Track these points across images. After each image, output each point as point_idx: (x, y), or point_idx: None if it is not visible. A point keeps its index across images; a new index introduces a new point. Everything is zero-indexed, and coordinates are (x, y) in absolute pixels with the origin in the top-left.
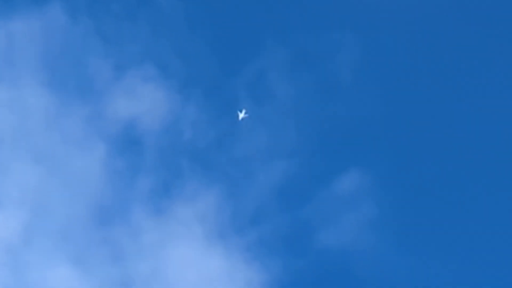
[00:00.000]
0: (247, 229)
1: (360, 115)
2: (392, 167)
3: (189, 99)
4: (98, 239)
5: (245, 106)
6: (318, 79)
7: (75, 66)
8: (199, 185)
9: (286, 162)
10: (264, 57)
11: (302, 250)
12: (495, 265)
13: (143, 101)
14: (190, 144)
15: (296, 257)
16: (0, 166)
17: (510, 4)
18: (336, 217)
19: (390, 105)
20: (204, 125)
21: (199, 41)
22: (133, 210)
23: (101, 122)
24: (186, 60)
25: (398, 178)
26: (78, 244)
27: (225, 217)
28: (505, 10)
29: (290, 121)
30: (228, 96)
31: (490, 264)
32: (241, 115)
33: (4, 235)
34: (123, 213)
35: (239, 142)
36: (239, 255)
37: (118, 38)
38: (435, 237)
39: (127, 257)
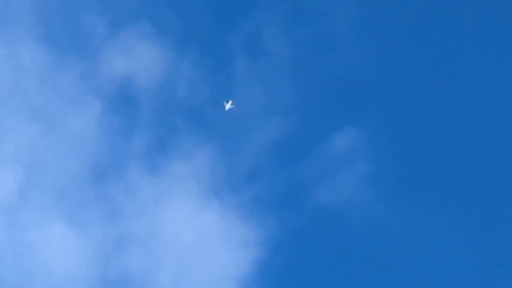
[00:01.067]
0: (242, 186)
1: (356, 72)
2: (388, 124)
3: (185, 56)
4: (94, 197)
5: (241, 63)
6: (314, 35)
7: (70, 23)
8: (195, 143)
9: (282, 119)
10: (260, 13)
11: (298, 207)
12: (491, 220)
13: (139, 58)
14: (185, 101)
15: (292, 214)
16: None
17: None
18: (332, 174)
19: (387, 62)
20: (200, 82)
21: None
22: (128, 168)
23: (96, 79)
24: (181, 17)
25: (394, 135)
26: (73, 202)
27: (220, 174)
28: None
29: (286, 77)
30: (224, 53)
31: (486, 220)
32: (228, 106)
33: (0, 194)
34: (119, 171)
35: (234, 99)
36: (234, 212)
37: None
38: (430, 193)
39: (123, 215)
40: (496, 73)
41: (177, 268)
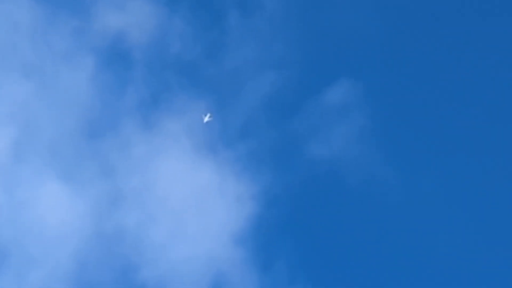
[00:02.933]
0: (236, 142)
1: (350, 24)
2: (383, 76)
3: (177, 12)
4: (88, 154)
5: (234, 17)
6: None
7: None
8: (188, 99)
9: (275, 73)
10: None
11: (291, 162)
12: (490, 175)
13: (131, 14)
14: (178, 57)
15: (286, 169)
16: None
17: None
18: (326, 128)
19: (381, 13)
20: (192, 37)
21: None
22: (122, 124)
23: (89, 35)
24: None
25: (389, 87)
26: (67, 159)
27: (214, 130)
28: None
29: (280, 31)
30: (216, 7)
31: (484, 175)
32: (206, 119)
33: None
34: (112, 127)
35: (227, 54)
36: (228, 168)
37: None
38: (424, 147)
39: (117, 171)
40: (493, 27)
41: (172, 223)
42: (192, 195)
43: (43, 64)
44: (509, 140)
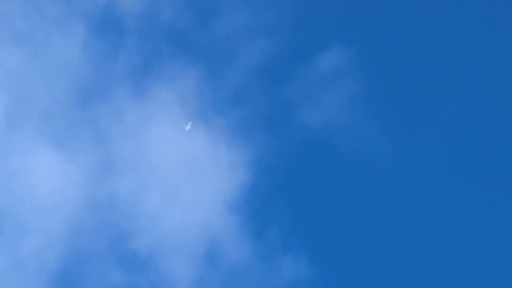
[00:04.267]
0: (228, 109)
1: None
2: (374, 43)
3: None
4: (80, 121)
5: None
6: None
7: None
8: (179, 66)
9: (267, 40)
10: None
11: (284, 129)
12: (482, 140)
13: None
14: (169, 24)
15: (278, 136)
16: None
17: None
18: (318, 94)
19: None
20: (183, 5)
21: None
22: (114, 91)
23: (81, 2)
24: None
25: (381, 53)
26: (59, 127)
27: (206, 97)
28: None
29: None
30: None
31: (477, 140)
32: (188, 127)
33: None
34: (104, 95)
35: (219, 21)
36: (221, 135)
37: None
38: (416, 113)
39: (109, 139)
40: None
41: (165, 191)
42: (184, 162)
43: (35, 31)
44: (504, 108)
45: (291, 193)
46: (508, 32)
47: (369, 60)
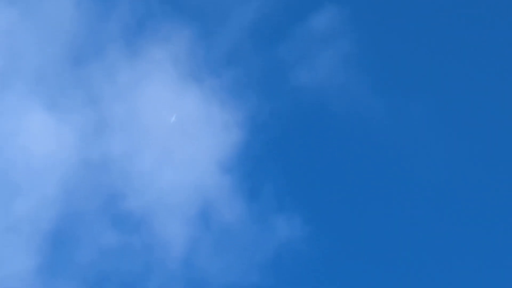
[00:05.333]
0: (221, 69)
1: None
2: (369, 2)
3: None
4: (73, 81)
5: None
6: None
7: None
8: (173, 26)
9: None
10: None
11: (277, 89)
12: (479, 102)
13: None
14: None
15: (272, 96)
16: None
17: None
18: (312, 54)
19: None
20: None
21: None
22: (107, 51)
23: None
24: None
25: (376, 13)
26: (52, 87)
27: (199, 57)
28: None
29: None
30: None
31: (474, 103)
32: (173, 119)
33: None
34: (97, 54)
35: None
36: (214, 95)
37: None
38: (411, 75)
39: (102, 99)
40: None
41: (158, 151)
42: (178, 122)
43: None
44: (500, 68)
45: (285, 153)
46: None
47: (363, 20)
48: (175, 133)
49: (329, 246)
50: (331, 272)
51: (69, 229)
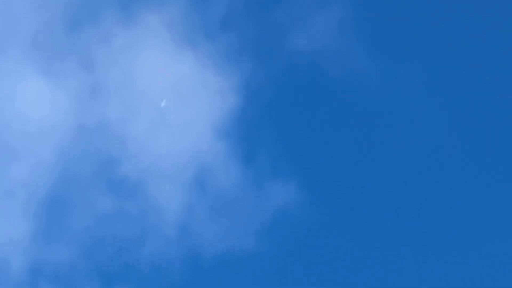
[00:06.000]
0: (216, 34)
1: None
2: None
3: None
4: (68, 46)
5: None
6: None
7: None
8: None
9: None
10: None
11: (272, 53)
12: (473, 69)
13: None
14: None
15: (267, 60)
16: None
17: None
18: (307, 19)
19: None
20: None
21: None
22: (102, 16)
23: None
24: None
25: None
26: (47, 52)
27: (194, 22)
28: None
29: None
30: None
31: (466, 67)
32: (163, 103)
33: None
34: (92, 19)
35: None
36: (209, 60)
37: None
38: (407, 39)
39: (97, 64)
40: None
41: (153, 116)
42: (173, 88)
43: None
44: (498, 31)
45: (280, 117)
46: None
47: None
48: (170, 98)
49: (325, 210)
50: (327, 237)
51: (65, 195)
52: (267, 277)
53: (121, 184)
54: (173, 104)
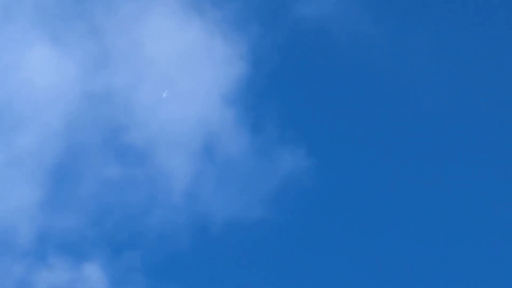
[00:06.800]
0: (224, 1)
1: None
2: None
3: None
4: (74, 14)
5: None
6: None
7: None
8: None
9: None
10: None
11: (279, 20)
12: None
13: None
14: None
15: (274, 28)
16: None
17: None
18: None
19: None
20: None
21: None
22: None
23: None
24: None
25: None
26: (54, 20)
27: None
28: None
29: None
30: None
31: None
32: (164, 94)
33: None
34: None
35: None
36: (216, 28)
37: None
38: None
39: (104, 31)
40: None
41: (161, 84)
42: (180, 55)
43: None
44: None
45: (287, 85)
46: None
47: None
48: (178, 65)
49: (332, 178)
50: (334, 203)
51: (72, 162)
52: (274, 244)
53: (129, 151)
54: (180, 71)
